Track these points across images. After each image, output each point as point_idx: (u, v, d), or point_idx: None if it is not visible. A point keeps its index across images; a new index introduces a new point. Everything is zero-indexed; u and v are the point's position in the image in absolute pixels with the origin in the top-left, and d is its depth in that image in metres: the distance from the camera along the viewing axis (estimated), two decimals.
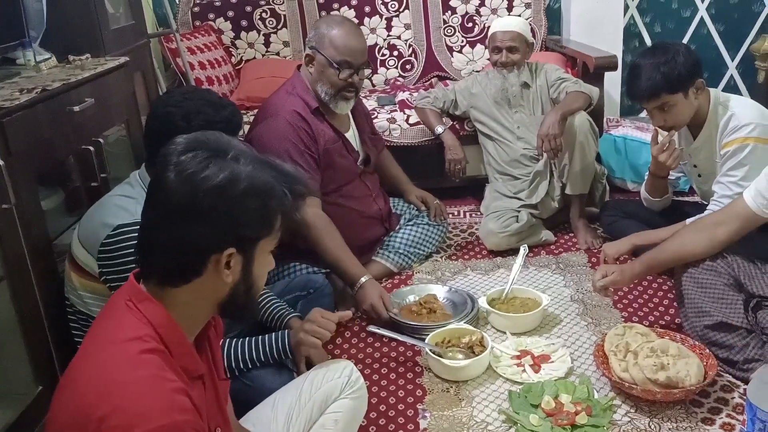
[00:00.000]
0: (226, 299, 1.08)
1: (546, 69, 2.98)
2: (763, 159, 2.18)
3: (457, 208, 3.26)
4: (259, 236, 1.06)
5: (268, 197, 1.04)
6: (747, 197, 1.93)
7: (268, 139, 2.29)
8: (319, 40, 2.34)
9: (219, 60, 3.47)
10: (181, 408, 0.95)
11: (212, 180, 1.00)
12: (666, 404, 1.80)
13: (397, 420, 1.84)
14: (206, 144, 1.05)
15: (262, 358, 1.76)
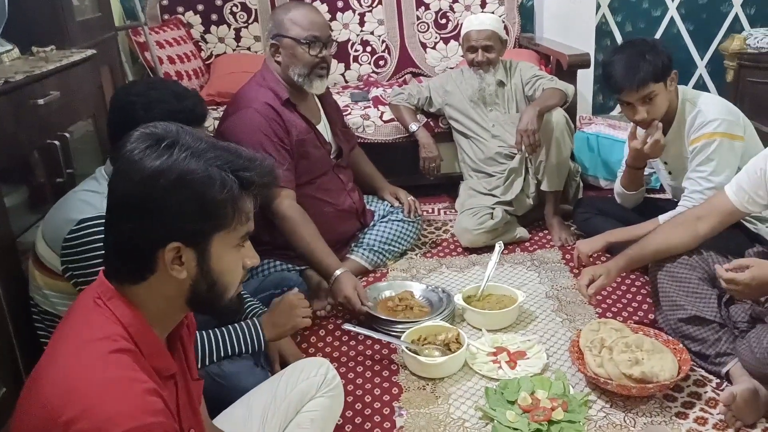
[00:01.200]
0: (190, 296, 1.04)
1: (521, 67, 2.98)
2: (728, 154, 2.21)
3: (432, 206, 3.24)
4: (207, 229, 1.01)
5: (204, 187, 0.98)
6: (729, 192, 1.95)
7: (241, 132, 2.26)
8: (279, 26, 2.34)
9: (188, 54, 3.41)
10: (152, 410, 0.91)
11: (145, 170, 0.96)
12: (640, 399, 1.81)
13: (374, 418, 1.82)
14: (152, 134, 1.01)
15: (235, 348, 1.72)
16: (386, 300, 2.33)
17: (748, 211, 1.96)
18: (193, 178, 0.97)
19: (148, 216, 0.97)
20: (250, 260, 1.09)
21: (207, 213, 0.99)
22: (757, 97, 3.18)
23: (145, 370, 0.96)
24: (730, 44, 3.45)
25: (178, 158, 0.97)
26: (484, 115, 2.97)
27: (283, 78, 2.38)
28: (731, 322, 1.92)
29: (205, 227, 1.01)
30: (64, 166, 1.90)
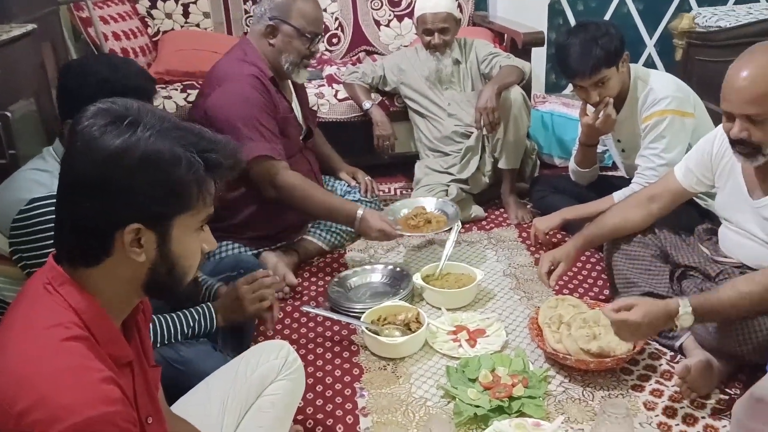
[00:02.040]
0: (147, 280, 1.00)
1: (476, 45, 2.97)
2: (680, 130, 2.25)
3: (388, 185, 3.22)
4: (170, 211, 0.97)
5: (170, 167, 0.94)
6: (678, 173, 2.00)
7: (232, 104, 2.20)
8: (283, 10, 2.29)
9: (134, 31, 3.28)
10: (109, 398, 0.88)
11: (106, 149, 0.92)
12: (598, 373, 1.84)
13: (335, 400, 1.80)
14: (111, 110, 0.96)
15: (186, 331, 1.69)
16: (405, 219, 2.49)
17: (696, 191, 2.01)
18: (159, 158, 0.93)
19: (109, 196, 0.93)
20: (208, 245, 1.06)
21: (172, 194, 0.96)
22: (705, 76, 3.24)
23: (100, 357, 0.92)
24: (678, 23, 3.50)
25: (142, 137, 0.93)
26: (440, 94, 2.95)
27: (270, 59, 2.33)
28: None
29: (169, 209, 0.97)
30: (6, 147, 1.81)
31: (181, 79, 3.12)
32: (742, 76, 1.61)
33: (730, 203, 1.89)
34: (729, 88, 1.64)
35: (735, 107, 1.63)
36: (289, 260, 2.40)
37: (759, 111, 1.60)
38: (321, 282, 2.41)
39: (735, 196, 1.86)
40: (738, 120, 1.64)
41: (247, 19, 3.56)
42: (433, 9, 2.81)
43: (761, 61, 1.61)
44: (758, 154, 1.67)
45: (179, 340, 1.70)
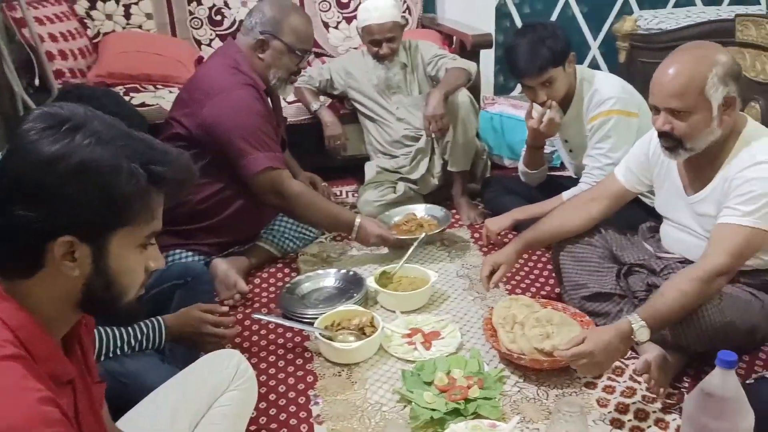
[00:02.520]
0: (83, 297, 0.95)
1: (421, 47, 2.96)
2: (625, 130, 2.30)
3: (340, 188, 3.20)
4: (106, 224, 0.92)
5: (108, 177, 0.89)
6: (618, 174, 2.04)
7: (233, 116, 2.15)
8: (276, 26, 2.24)
9: (72, 32, 3.17)
10: (48, 419, 0.83)
11: (41, 154, 0.87)
12: (552, 372, 1.85)
13: (289, 408, 1.76)
14: (55, 114, 0.91)
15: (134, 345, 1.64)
16: (397, 225, 2.58)
17: (637, 191, 2.05)
18: (96, 166, 0.88)
19: (40, 204, 0.87)
20: (154, 263, 1.01)
21: (108, 206, 0.90)
22: (647, 77, 3.25)
23: (38, 377, 0.86)
24: (621, 26, 3.58)
25: (81, 143, 0.88)
26: (388, 99, 2.94)
27: (258, 73, 2.27)
28: (630, 292, 2.00)
29: (105, 222, 0.92)
30: None
31: (123, 82, 3.03)
32: (666, 72, 1.68)
33: (669, 201, 1.94)
34: (655, 82, 1.71)
35: (659, 101, 1.70)
36: (240, 267, 2.35)
37: (680, 105, 1.66)
38: (273, 288, 2.36)
39: (672, 194, 1.91)
40: (662, 113, 1.70)
41: (191, 21, 3.48)
42: (378, 20, 2.77)
43: (685, 58, 1.68)
44: (680, 148, 1.73)
45: (125, 353, 1.64)
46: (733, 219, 1.67)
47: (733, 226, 1.67)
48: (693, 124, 1.67)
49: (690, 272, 1.70)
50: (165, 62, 3.12)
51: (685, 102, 1.65)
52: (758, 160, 1.67)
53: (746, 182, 1.67)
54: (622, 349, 1.67)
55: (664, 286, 1.71)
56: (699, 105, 1.65)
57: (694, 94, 1.64)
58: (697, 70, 1.64)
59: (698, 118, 1.67)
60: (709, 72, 1.64)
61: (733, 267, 1.69)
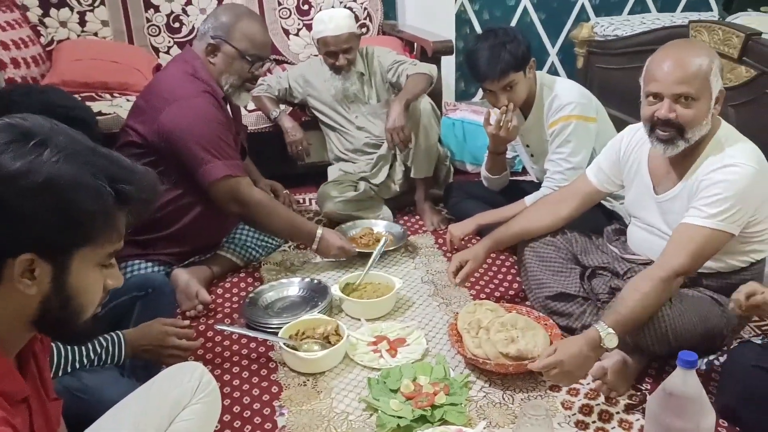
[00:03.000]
0: (38, 316, 0.92)
1: (378, 54, 2.94)
2: (584, 135, 2.34)
3: (303, 195, 3.17)
4: (69, 242, 0.90)
5: (74, 195, 0.87)
6: (589, 174, 2.06)
7: (191, 124, 2.10)
8: (226, 31, 2.19)
9: (25, 40, 3.08)
10: None
11: (5, 168, 0.84)
12: (517, 376, 1.86)
13: (254, 420, 1.74)
14: (18, 127, 0.88)
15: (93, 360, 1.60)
16: (355, 238, 2.59)
17: (607, 191, 2.08)
18: (61, 184, 0.86)
19: (1, 220, 0.85)
20: (112, 281, 0.99)
21: (73, 224, 0.88)
22: (604, 82, 3.38)
23: None
24: (579, 32, 3.63)
25: (48, 160, 0.86)
26: (347, 108, 2.94)
27: (215, 78, 2.23)
28: (594, 294, 2.02)
29: (68, 240, 0.89)
30: None
31: (78, 90, 2.95)
32: (671, 59, 1.70)
33: (637, 200, 1.97)
34: (658, 70, 1.71)
35: (665, 87, 1.70)
36: (202, 277, 2.31)
37: (689, 89, 1.67)
38: (236, 298, 2.33)
39: (641, 192, 1.94)
40: (667, 100, 1.70)
41: (149, 28, 3.43)
42: (333, 32, 2.74)
43: (688, 47, 1.74)
44: (679, 138, 1.73)
45: (83, 368, 1.59)
46: (697, 220, 1.70)
47: (695, 226, 1.70)
48: (697, 112, 1.69)
49: (649, 272, 1.72)
50: (122, 70, 3.07)
51: (694, 87, 1.67)
52: (726, 163, 1.70)
53: (713, 184, 1.70)
54: (593, 357, 1.69)
55: (625, 289, 1.73)
56: (704, 92, 1.68)
57: (702, 80, 1.67)
58: (702, 60, 1.68)
59: (702, 106, 1.69)
60: (712, 63, 1.68)
61: (692, 267, 1.72)
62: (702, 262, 1.74)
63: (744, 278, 1.83)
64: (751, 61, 2.55)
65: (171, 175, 2.11)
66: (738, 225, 1.70)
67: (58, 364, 1.55)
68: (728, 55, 2.61)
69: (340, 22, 2.74)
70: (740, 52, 2.56)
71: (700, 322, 1.76)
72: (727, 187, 1.67)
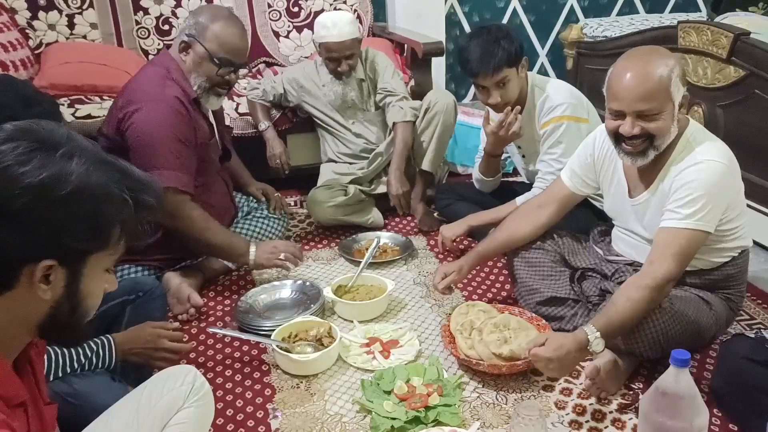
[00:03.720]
0: (46, 320, 0.93)
1: (377, 61, 2.90)
2: (575, 135, 2.34)
3: (293, 198, 3.17)
4: (89, 249, 0.91)
5: (101, 203, 0.89)
6: (564, 178, 2.07)
7: (152, 128, 2.08)
8: (200, 30, 2.17)
9: (14, 43, 3.06)
10: None
11: (32, 177, 0.84)
12: (510, 376, 1.86)
13: (247, 423, 1.73)
14: (35, 134, 0.88)
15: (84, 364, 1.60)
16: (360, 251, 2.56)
17: (582, 194, 2.08)
18: (89, 192, 0.88)
19: (27, 227, 0.85)
20: (110, 285, 1.01)
21: (96, 232, 0.90)
22: (594, 83, 3.38)
23: None
24: (568, 34, 3.66)
25: (77, 169, 0.87)
26: (344, 114, 2.92)
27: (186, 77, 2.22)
28: (584, 296, 2.03)
29: (88, 247, 0.91)
30: None
31: (67, 93, 2.94)
32: (629, 75, 1.69)
33: (615, 204, 1.98)
34: (618, 87, 1.71)
35: (626, 105, 1.70)
36: (194, 280, 2.30)
37: (650, 106, 1.68)
38: (228, 301, 2.32)
39: (618, 197, 1.95)
40: (629, 117, 1.71)
41: (138, 31, 3.41)
42: (337, 38, 2.68)
43: (645, 61, 1.70)
44: (650, 149, 1.74)
45: (74, 373, 1.58)
46: (674, 222, 1.71)
47: (674, 229, 1.71)
48: (661, 123, 1.69)
49: (638, 280, 1.72)
50: (111, 73, 3.04)
51: (655, 103, 1.67)
52: (696, 161, 1.71)
53: (684, 185, 1.70)
54: (579, 358, 1.70)
55: (616, 296, 1.73)
56: (665, 104, 1.68)
57: (663, 95, 1.67)
58: (662, 72, 1.67)
59: (665, 117, 1.69)
60: (672, 72, 1.67)
61: (679, 271, 1.72)
62: (686, 264, 1.74)
63: (728, 272, 1.85)
64: (739, 62, 2.57)
65: None
66: (712, 223, 1.71)
67: (49, 369, 1.54)
68: (717, 56, 2.63)
69: (343, 28, 2.68)
70: (729, 52, 2.58)
71: (691, 324, 1.78)
72: (698, 186, 1.68)
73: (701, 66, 2.71)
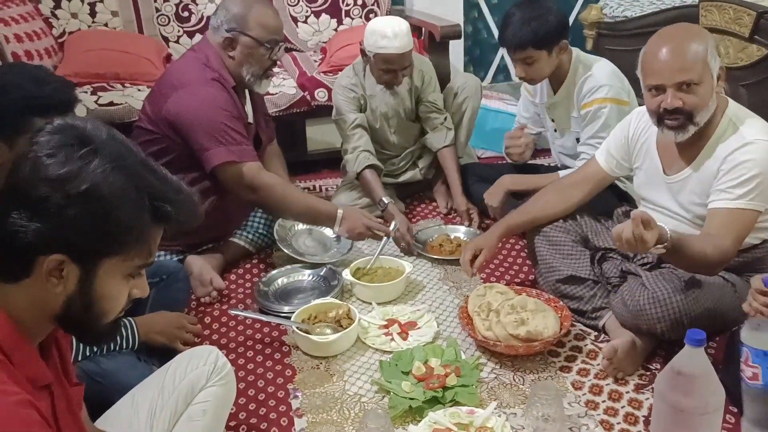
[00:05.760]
0: (61, 313, 0.95)
1: (424, 69, 2.78)
2: (619, 119, 2.31)
3: (314, 182, 3.19)
4: (101, 250, 0.93)
5: (113, 207, 0.90)
6: (599, 158, 2.07)
7: (198, 108, 2.11)
8: (240, 22, 2.19)
9: (38, 32, 3.11)
10: (26, 421, 0.83)
11: (53, 170, 0.88)
12: (527, 357, 1.88)
13: (268, 403, 1.77)
14: (74, 130, 0.91)
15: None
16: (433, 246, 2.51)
17: (617, 175, 2.08)
18: (103, 194, 0.89)
19: (40, 218, 0.88)
20: (139, 291, 1.02)
21: (106, 234, 0.91)
22: (614, 64, 3.35)
23: (16, 380, 0.87)
24: (588, 14, 3.60)
25: (95, 169, 0.89)
26: (388, 122, 2.80)
27: (231, 71, 2.24)
28: (604, 278, 2.03)
29: (99, 248, 0.92)
30: None
31: (90, 81, 2.98)
32: (665, 49, 1.69)
33: (647, 182, 1.97)
34: (655, 62, 1.71)
35: (666, 78, 1.70)
36: (215, 264, 2.34)
37: (691, 76, 1.68)
38: (248, 284, 2.36)
39: (651, 174, 1.95)
40: (670, 90, 1.70)
41: (158, 18, 3.45)
42: (399, 50, 2.50)
43: (680, 33, 1.72)
44: (690, 123, 1.73)
45: (101, 353, 1.64)
46: (727, 203, 1.71)
47: (728, 210, 1.71)
48: (702, 95, 1.70)
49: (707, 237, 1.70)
50: (132, 60, 3.08)
51: (695, 72, 1.67)
52: (746, 141, 1.71)
53: (736, 165, 1.70)
54: None
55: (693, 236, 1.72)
56: (705, 75, 1.69)
57: (701, 64, 1.68)
58: (698, 42, 1.68)
59: (705, 88, 1.70)
60: (707, 43, 1.68)
61: (735, 251, 1.72)
62: (740, 244, 1.73)
63: (755, 256, 1.84)
64: (763, 40, 2.52)
65: (183, 163, 2.13)
66: (765, 202, 1.72)
67: (78, 349, 1.59)
68: (739, 34, 2.59)
69: (404, 38, 2.51)
70: (752, 30, 2.53)
71: (714, 306, 1.77)
72: (752, 166, 1.69)
73: (723, 45, 2.67)
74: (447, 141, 2.78)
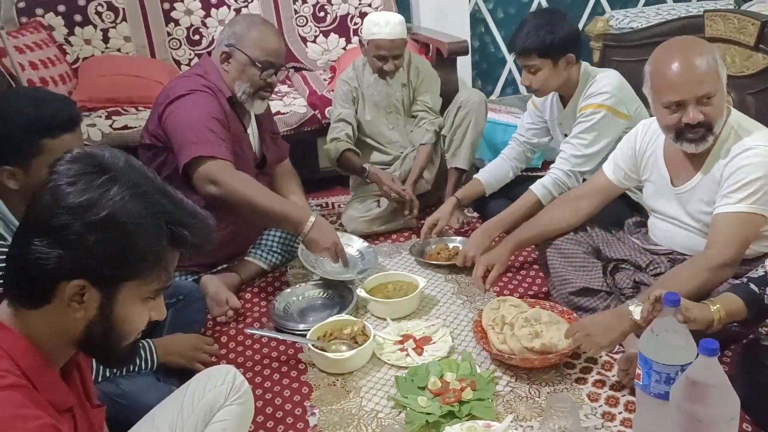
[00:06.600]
0: (82, 338, 0.97)
1: (420, 67, 2.89)
2: (610, 127, 2.32)
3: (326, 199, 3.22)
4: (117, 276, 0.95)
5: (131, 234, 0.93)
6: (607, 170, 2.08)
7: (181, 111, 2.15)
8: (238, 39, 2.25)
9: (52, 59, 3.18)
10: None
11: (73, 198, 0.90)
12: (543, 370, 1.88)
13: (286, 420, 1.78)
14: (93, 158, 0.94)
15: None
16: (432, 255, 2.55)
17: (625, 186, 2.09)
18: (121, 222, 0.92)
19: (61, 245, 0.90)
20: (157, 314, 1.04)
21: (125, 260, 0.94)
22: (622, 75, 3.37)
23: (39, 405, 0.89)
24: (594, 26, 3.62)
25: (113, 197, 0.91)
26: (387, 117, 2.90)
27: (228, 85, 2.29)
28: (617, 289, 2.03)
29: (118, 274, 0.95)
30: None
31: (104, 105, 3.04)
32: (678, 64, 1.70)
33: (656, 193, 1.99)
34: (671, 77, 1.72)
35: (687, 92, 1.71)
36: (231, 283, 2.36)
37: (709, 88, 1.70)
38: (264, 303, 2.38)
39: (659, 186, 1.96)
40: (691, 105, 1.72)
41: (170, 42, 3.51)
42: (389, 35, 2.68)
43: (686, 48, 1.73)
44: (709, 134, 1.75)
45: (121, 374, 1.66)
46: (729, 207, 1.73)
47: (729, 214, 1.73)
48: (718, 105, 1.72)
49: (697, 261, 1.73)
50: (145, 84, 3.14)
51: (712, 84, 1.69)
52: (747, 147, 1.73)
53: (738, 170, 1.72)
54: (615, 326, 1.69)
55: (669, 273, 1.74)
56: (718, 85, 1.71)
57: (715, 75, 1.70)
58: (707, 53, 1.70)
59: (720, 99, 1.72)
60: (714, 53, 1.71)
61: (737, 255, 1.72)
62: (744, 248, 1.74)
63: None
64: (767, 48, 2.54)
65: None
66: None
67: (98, 371, 1.61)
68: (745, 43, 2.60)
69: (395, 27, 2.70)
70: (756, 39, 2.55)
71: None
72: (751, 170, 1.70)
73: (729, 54, 2.68)
74: (425, 140, 2.84)
